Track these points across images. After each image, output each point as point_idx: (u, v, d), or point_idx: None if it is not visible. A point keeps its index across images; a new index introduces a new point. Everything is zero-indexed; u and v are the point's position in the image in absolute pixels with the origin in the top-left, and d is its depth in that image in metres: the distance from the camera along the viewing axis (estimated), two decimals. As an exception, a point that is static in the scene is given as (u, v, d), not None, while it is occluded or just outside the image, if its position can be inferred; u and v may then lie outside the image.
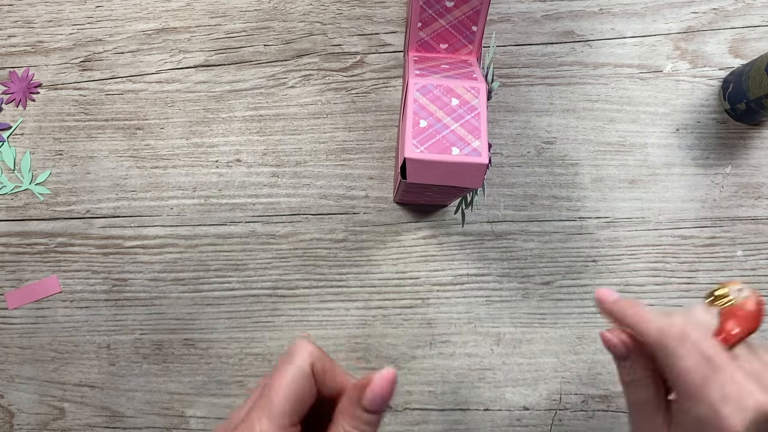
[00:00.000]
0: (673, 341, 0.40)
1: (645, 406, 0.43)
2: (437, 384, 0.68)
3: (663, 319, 0.41)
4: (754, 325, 0.42)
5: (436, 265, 0.69)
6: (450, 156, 0.45)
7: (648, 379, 0.43)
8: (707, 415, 0.38)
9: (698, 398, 0.38)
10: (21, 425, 0.68)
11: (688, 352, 0.39)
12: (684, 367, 0.39)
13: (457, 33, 0.55)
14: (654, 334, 0.41)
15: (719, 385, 0.38)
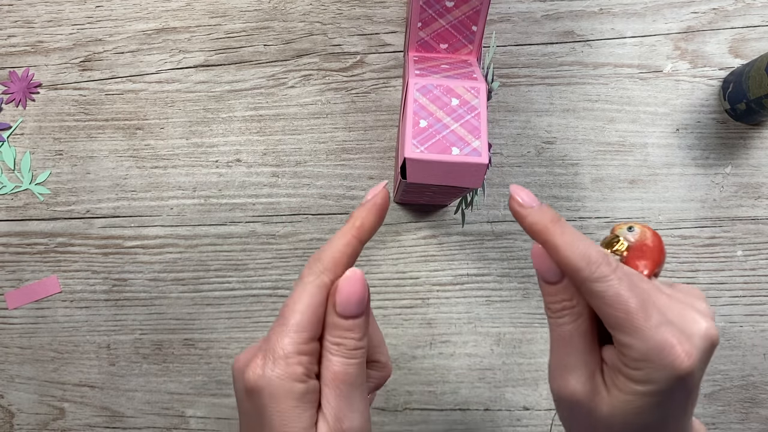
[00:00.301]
0: (605, 268, 0.34)
1: (582, 340, 0.37)
2: (437, 384, 0.68)
3: (585, 247, 0.35)
4: (660, 256, 0.41)
5: (436, 265, 0.69)
6: (450, 156, 0.45)
7: (583, 307, 0.37)
8: (653, 345, 0.33)
9: (638, 328, 0.33)
10: (21, 425, 0.68)
11: (618, 277, 0.34)
12: (617, 293, 0.34)
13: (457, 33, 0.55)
14: (581, 261, 0.35)
15: (658, 310, 0.34)
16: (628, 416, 0.35)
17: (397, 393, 0.68)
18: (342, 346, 0.36)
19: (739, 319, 0.68)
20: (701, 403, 0.68)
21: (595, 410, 0.37)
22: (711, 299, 0.68)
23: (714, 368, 0.68)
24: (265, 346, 0.35)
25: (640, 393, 0.34)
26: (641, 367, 0.34)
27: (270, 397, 0.34)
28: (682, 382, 0.34)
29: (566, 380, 0.37)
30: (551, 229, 0.36)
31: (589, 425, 0.38)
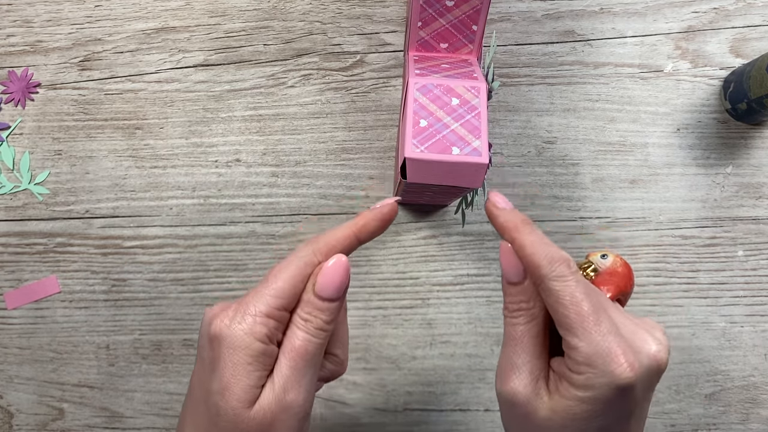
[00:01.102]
0: (564, 268, 0.36)
1: (532, 342, 0.38)
2: (437, 384, 0.68)
3: (549, 247, 0.37)
4: (626, 284, 0.43)
5: (437, 266, 0.68)
6: (450, 156, 0.45)
7: (538, 310, 0.39)
8: (598, 350, 0.34)
9: (587, 330, 0.34)
10: (20, 425, 0.68)
11: (576, 280, 0.36)
12: (572, 296, 0.35)
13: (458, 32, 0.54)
14: (543, 258, 0.36)
15: (611, 321, 0.35)
16: (565, 422, 0.36)
17: (397, 393, 0.68)
18: (309, 323, 0.37)
19: (740, 320, 0.68)
20: (701, 403, 0.68)
21: (534, 413, 0.38)
22: (712, 299, 0.68)
23: (715, 368, 0.68)
24: (239, 302, 0.37)
25: (580, 399, 0.35)
26: (583, 372, 0.35)
27: (228, 348, 0.36)
28: (622, 394, 0.35)
29: (510, 379, 0.39)
30: (520, 228, 0.39)
31: (526, 428, 0.39)
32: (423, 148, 0.45)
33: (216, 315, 0.37)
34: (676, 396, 0.68)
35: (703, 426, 0.68)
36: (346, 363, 0.45)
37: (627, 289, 0.43)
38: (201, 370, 0.38)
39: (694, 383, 0.68)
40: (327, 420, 0.68)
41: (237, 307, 0.37)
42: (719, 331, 0.68)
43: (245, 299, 0.37)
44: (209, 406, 0.37)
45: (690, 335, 0.68)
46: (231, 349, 0.36)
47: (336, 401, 0.68)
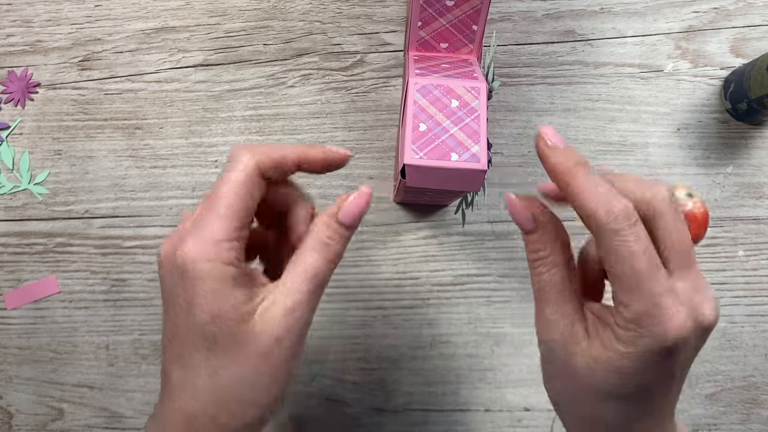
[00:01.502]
0: (622, 221, 0.33)
1: (555, 290, 0.37)
2: (437, 385, 0.68)
3: (608, 195, 0.34)
4: (700, 232, 0.41)
5: (437, 266, 0.68)
6: (449, 162, 0.45)
7: (558, 257, 0.38)
8: (649, 309, 0.33)
9: (641, 289, 0.33)
10: (20, 426, 0.68)
11: (636, 233, 0.33)
12: (630, 252, 0.33)
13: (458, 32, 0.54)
14: (600, 207, 0.34)
15: (667, 278, 0.34)
16: (607, 374, 0.35)
17: (397, 393, 0.68)
18: (330, 248, 0.38)
19: (741, 320, 0.68)
20: (702, 403, 0.68)
21: (572, 360, 0.37)
22: (712, 299, 0.68)
23: (715, 369, 0.68)
24: (195, 231, 0.35)
25: (623, 354, 0.34)
26: (631, 329, 0.34)
27: (200, 279, 0.34)
28: (669, 354, 0.34)
29: (545, 329, 0.38)
30: (574, 171, 0.35)
31: (564, 373, 0.38)
32: (422, 154, 0.45)
33: (175, 252, 0.35)
34: (676, 396, 0.68)
35: (703, 426, 0.68)
36: None
37: (700, 237, 0.40)
38: (178, 312, 0.36)
39: (695, 383, 0.68)
40: (327, 420, 0.68)
41: (195, 238, 0.35)
42: (719, 331, 0.68)
43: (200, 225, 0.35)
44: (206, 338, 0.35)
45: (690, 335, 0.68)
46: (204, 280, 0.34)
47: (336, 401, 0.68)
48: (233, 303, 0.35)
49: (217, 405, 0.36)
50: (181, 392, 0.37)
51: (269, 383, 0.37)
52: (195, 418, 0.36)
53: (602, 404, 0.37)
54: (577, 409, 0.39)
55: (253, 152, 0.37)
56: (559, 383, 0.40)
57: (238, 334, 0.35)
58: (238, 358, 0.36)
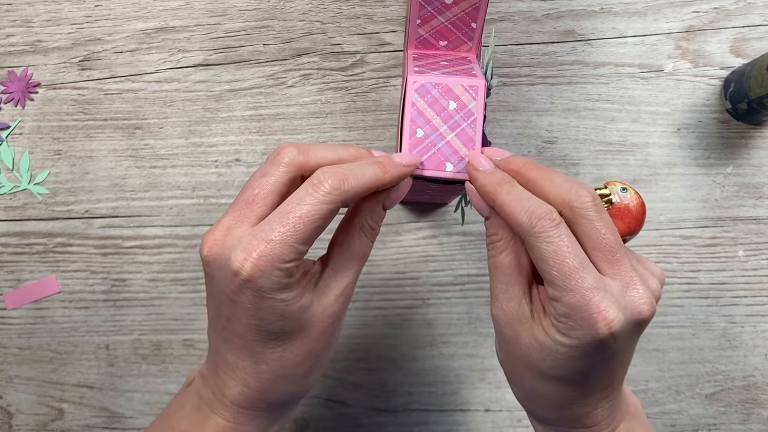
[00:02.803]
0: (546, 222, 0.36)
1: (504, 272, 0.40)
2: (437, 384, 0.68)
3: (530, 203, 0.37)
4: (636, 225, 0.42)
5: (437, 266, 0.68)
6: (443, 172, 0.47)
7: (508, 241, 0.40)
8: (577, 306, 0.35)
9: (568, 286, 0.35)
10: (20, 426, 0.68)
11: (559, 235, 0.36)
12: (554, 252, 0.35)
13: (457, 30, 0.54)
14: (522, 215, 0.37)
15: (594, 275, 0.36)
16: (545, 355, 0.38)
17: (398, 393, 0.68)
18: (374, 232, 0.42)
19: (740, 320, 0.68)
20: (702, 403, 0.68)
21: (518, 336, 0.40)
22: (712, 299, 0.68)
23: (715, 369, 0.68)
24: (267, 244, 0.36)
25: (558, 341, 0.37)
26: (563, 322, 0.36)
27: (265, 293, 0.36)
28: (601, 345, 0.36)
29: (494, 305, 0.41)
30: (498, 189, 0.39)
31: (510, 348, 0.41)
32: None
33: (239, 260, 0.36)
34: (676, 396, 0.68)
35: (703, 426, 0.68)
36: None
37: (635, 229, 0.42)
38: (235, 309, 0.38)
39: (695, 383, 0.68)
40: (327, 420, 0.68)
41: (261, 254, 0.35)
42: (719, 331, 0.68)
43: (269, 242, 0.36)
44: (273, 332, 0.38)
45: (690, 335, 0.68)
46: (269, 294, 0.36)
47: (336, 401, 0.68)
48: (296, 304, 0.38)
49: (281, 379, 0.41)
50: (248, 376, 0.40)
51: (327, 353, 0.42)
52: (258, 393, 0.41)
53: (542, 382, 0.40)
54: (522, 383, 0.42)
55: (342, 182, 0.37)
56: (507, 357, 0.43)
57: (302, 321, 0.39)
58: (304, 340, 0.40)
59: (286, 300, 0.37)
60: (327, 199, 0.37)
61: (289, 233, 0.36)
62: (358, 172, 0.38)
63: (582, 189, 0.37)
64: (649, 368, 0.68)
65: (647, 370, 0.68)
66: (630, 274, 0.37)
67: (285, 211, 0.36)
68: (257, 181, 0.38)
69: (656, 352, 0.68)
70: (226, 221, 0.38)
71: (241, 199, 0.38)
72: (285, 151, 0.39)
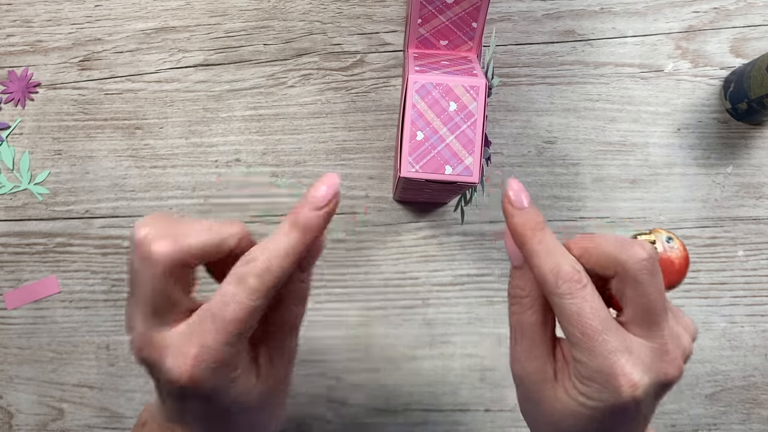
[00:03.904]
0: (572, 285, 0.35)
1: (529, 331, 0.38)
2: (437, 384, 0.68)
3: (558, 259, 0.36)
4: (676, 279, 0.41)
5: (437, 266, 0.68)
6: (443, 175, 0.47)
7: (535, 299, 0.38)
8: (601, 369, 0.34)
9: (592, 349, 0.34)
10: (20, 426, 0.68)
11: (583, 296, 0.35)
12: (579, 314, 0.35)
13: (457, 30, 0.54)
14: (549, 273, 0.36)
15: (621, 337, 0.35)
16: (566, 417, 0.37)
17: (398, 393, 0.68)
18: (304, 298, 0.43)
19: (740, 320, 0.68)
20: (702, 403, 0.68)
21: (540, 396, 0.39)
22: (712, 299, 0.68)
23: (715, 369, 0.68)
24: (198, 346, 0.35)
25: (581, 403, 0.36)
26: (586, 384, 0.35)
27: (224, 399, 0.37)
28: (623, 408, 0.35)
29: (517, 363, 0.39)
30: (529, 236, 0.37)
31: (535, 406, 0.40)
32: (418, 167, 0.47)
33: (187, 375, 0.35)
34: (676, 396, 0.68)
35: (703, 426, 0.68)
36: None
37: (676, 284, 0.41)
38: None
39: (695, 383, 0.68)
40: (327, 420, 0.68)
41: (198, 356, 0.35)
42: (719, 331, 0.68)
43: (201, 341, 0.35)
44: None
45: (690, 335, 0.68)
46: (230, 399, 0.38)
47: (336, 401, 0.68)
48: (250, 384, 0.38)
49: None
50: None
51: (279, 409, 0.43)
52: None
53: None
54: None
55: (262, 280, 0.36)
56: (529, 413, 0.41)
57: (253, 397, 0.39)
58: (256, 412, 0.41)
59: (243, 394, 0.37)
60: (253, 297, 0.36)
61: (221, 336, 0.35)
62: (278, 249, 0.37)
63: (637, 246, 0.36)
64: (649, 368, 0.68)
65: (647, 370, 0.68)
66: (665, 339, 0.37)
67: (213, 313, 0.36)
68: (136, 284, 0.38)
69: (656, 352, 0.68)
70: (140, 320, 0.37)
71: (137, 299, 0.37)
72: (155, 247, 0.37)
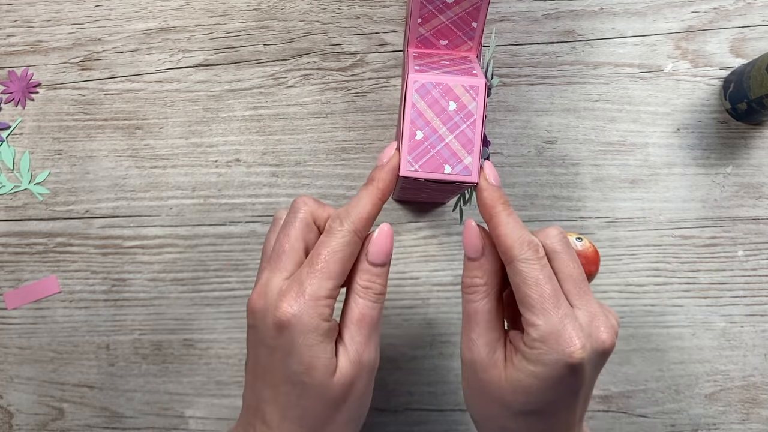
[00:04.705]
0: (533, 252, 0.40)
1: (483, 318, 0.42)
2: (437, 384, 0.68)
3: (521, 231, 0.40)
4: (591, 268, 0.47)
5: (437, 266, 0.68)
6: (442, 175, 0.47)
7: (492, 287, 0.42)
8: (553, 330, 0.38)
9: (546, 311, 0.38)
10: (20, 425, 0.68)
11: (542, 265, 0.40)
12: (537, 278, 0.39)
13: (457, 29, 0.55)
14: (515, 241, 0.40)
15: (568, 305, 0.39)
16: (516, 393, 0.40)
17: (398, 393, 0.68)
18: (370, 290, 0.42)
19: (740, 320, 0.68)
20: (702, 403, 0.68)
21: (490, 381, 0.41)
22: (712, 299, 0.68)
23: (715, 369, 0.68)
24: (297, 288, 0.39)
25: (531, 372, 0.39)
26: (537, 347, 0.38)
27: (301, 333, 0.39)
28: (571, 372, 0.38)
29: (469, 349, 0.42)
30: (499, 208, 0.42)
31: (481, 392, 0.43)
32: (417, 166, 0.47)
33: (277, 304, 0.40)
34: (676, 396, 0.68)
35: (703, 426, 0.68)
36: None
37: (593, 273, 0.47)
38: (272, 357, 0.41)
39: (694, 383, 0.68)
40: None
41: (297, 294, 0.39)
42: (719, 331, 0.68)
43: (302, 284, 0.40)
44: (295, 385, 0.40)
45: (690, 335, 0.68)
46: (304, 334, 0.39)
47: (336, 401, 0.68)
48: (324, 360, 0.40)
49: None
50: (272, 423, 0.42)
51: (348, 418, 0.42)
52: None
53: (513, 420, 0.42)
54: (491, 424, 0.44)
55: (350, 225, 0.41)
56: (477, 401, 0.44)
57: (324, 386, 0.40)
58: (322, 403, 0.41)
59: (314, 348, 0.39)
60: (341, 233, 0.41)
61: (318, 272, 0.40)
62: (356, 200, 0.42)
63: (551, 228, 0.42)
64: (648, 368, 0.68)
65: (647, 370, 0.68)
66: (595, 306, 0.41)
67: (311, 256, 0.41)
68: (282, 233, 0.42)
69: (656, 351, 0.68)
70: (264, 276, 0.42)
71: (273, 254, 0.42)
72: (300, 203, 0.43)
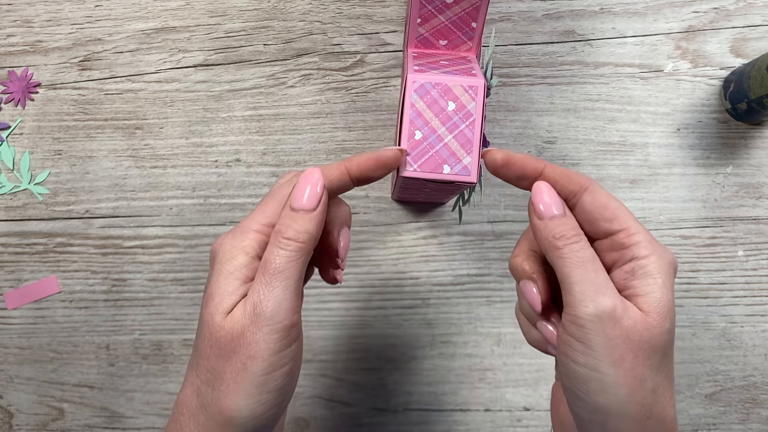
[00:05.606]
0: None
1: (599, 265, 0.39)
2: (437, 384, 0.68)
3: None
4: None
5: (437, 266, 0.68)
6: (441, 174, 0.47)
7: None
8: (653, 242, 0.40)
9: (640, 234, 0.40)
10: (20, 425, 0.68)
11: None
12: None
13: (457, 29, 0.55)
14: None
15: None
16: (662, 313, 0.40)
17: (397, 393, 0.68)
18: (279, 234, 0.37)
19: (740, 320, 0.68)
20: (702, 403, 0.68)
21: (635, 323, 0.38)
22: (712, 299, 0.68)
23: (715, 369, 0.68)
24: (236, 226, 0.40)
25: (660, 285, 0.42)
26: (652, 261, 0.42)
27: (219, 262, 0.38)
28: (675, 271, 0.42)
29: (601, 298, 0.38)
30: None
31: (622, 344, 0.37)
32: (416, 166, 0.47)
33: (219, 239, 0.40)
34: (676, 396, 0.68)
35: (703, 426, 0.68)
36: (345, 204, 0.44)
37: None
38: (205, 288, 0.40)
39: (694, 383, 0.68)
40: (327, 420, 0.68)
41: (232, 229, 0.39)
42: (719, 331, 0.68)
43: (240, 222, 0.39)
44: (200, 320, 0.40)
45: (690, 335, 0.68)
46: (220, 263, 0.38)
47: (336, 401, 0.68)
48: (222, 291, 0.39)
49: None
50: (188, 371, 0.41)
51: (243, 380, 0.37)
52: None
53: (657, 364, 0.38)
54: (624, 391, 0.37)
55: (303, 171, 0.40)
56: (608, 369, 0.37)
57: (213, 322, 0.39)
58: (209, 346, 0.39)
59: (220, 280, 0.38)
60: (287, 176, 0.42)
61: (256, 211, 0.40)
62: (327, 166, 0.41)
63: None
64: (648, 368, 0.68)
65: (647, 370, 0.68)
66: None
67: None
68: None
69: (656, 352, 0.68)
70: None
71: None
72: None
